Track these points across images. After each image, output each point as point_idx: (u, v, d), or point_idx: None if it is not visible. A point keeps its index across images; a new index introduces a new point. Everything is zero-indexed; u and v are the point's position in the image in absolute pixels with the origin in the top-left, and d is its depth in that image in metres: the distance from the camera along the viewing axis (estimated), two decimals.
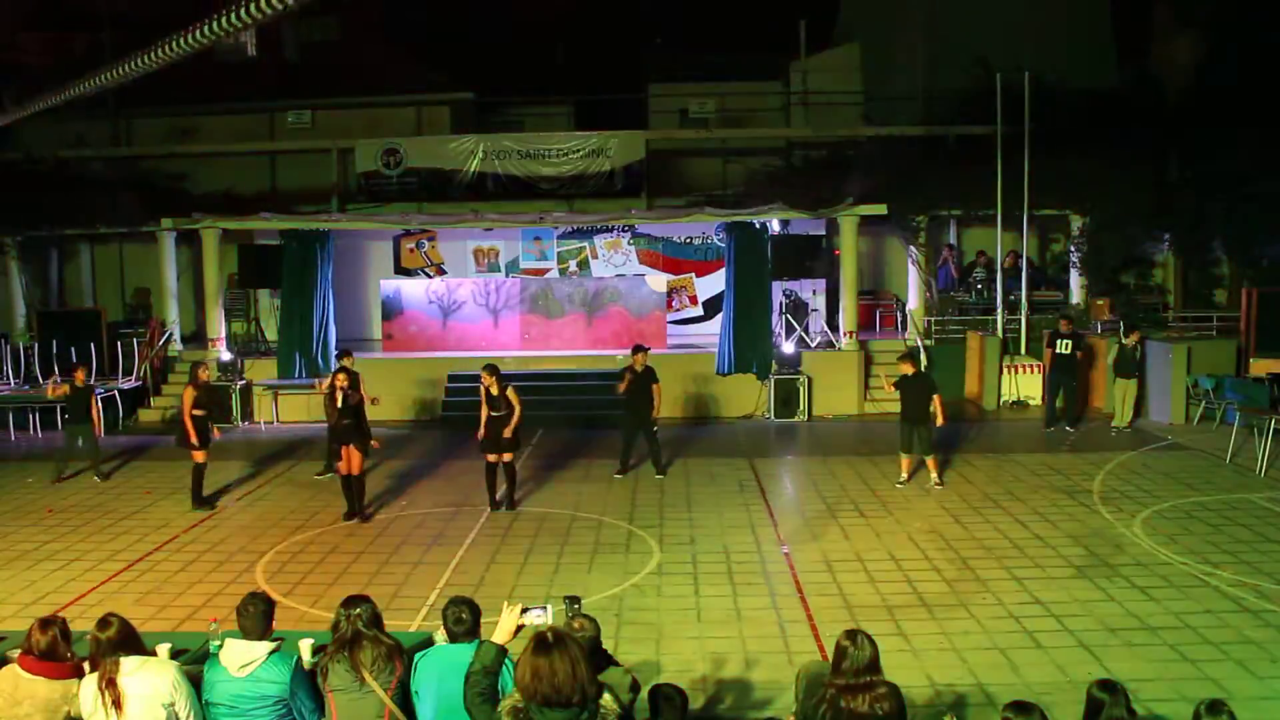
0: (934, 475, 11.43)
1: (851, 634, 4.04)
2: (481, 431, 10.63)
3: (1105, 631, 7.12)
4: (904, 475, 11.58)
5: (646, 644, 7.08)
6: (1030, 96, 16.35)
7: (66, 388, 12.56)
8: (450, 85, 21.47)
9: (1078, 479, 11.58)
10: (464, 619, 4.23)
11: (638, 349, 12.15)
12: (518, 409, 10.56)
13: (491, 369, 10.78)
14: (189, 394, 10.90)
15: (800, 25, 21.16)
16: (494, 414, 10.54)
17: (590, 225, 18.83)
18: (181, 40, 5.47)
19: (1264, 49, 16.80)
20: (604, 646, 4.65)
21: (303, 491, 11.69)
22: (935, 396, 11.32)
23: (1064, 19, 19.82)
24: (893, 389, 11.82)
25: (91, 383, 13.21)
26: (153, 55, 5.70)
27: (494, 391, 10.50)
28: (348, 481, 10.44)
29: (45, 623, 4.16)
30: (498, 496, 10.84)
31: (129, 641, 4.06)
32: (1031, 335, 16.67)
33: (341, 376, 10.51)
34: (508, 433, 10.56)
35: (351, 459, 10.32)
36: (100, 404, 13.39)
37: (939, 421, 11.37)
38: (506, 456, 10.75)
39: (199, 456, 11.00)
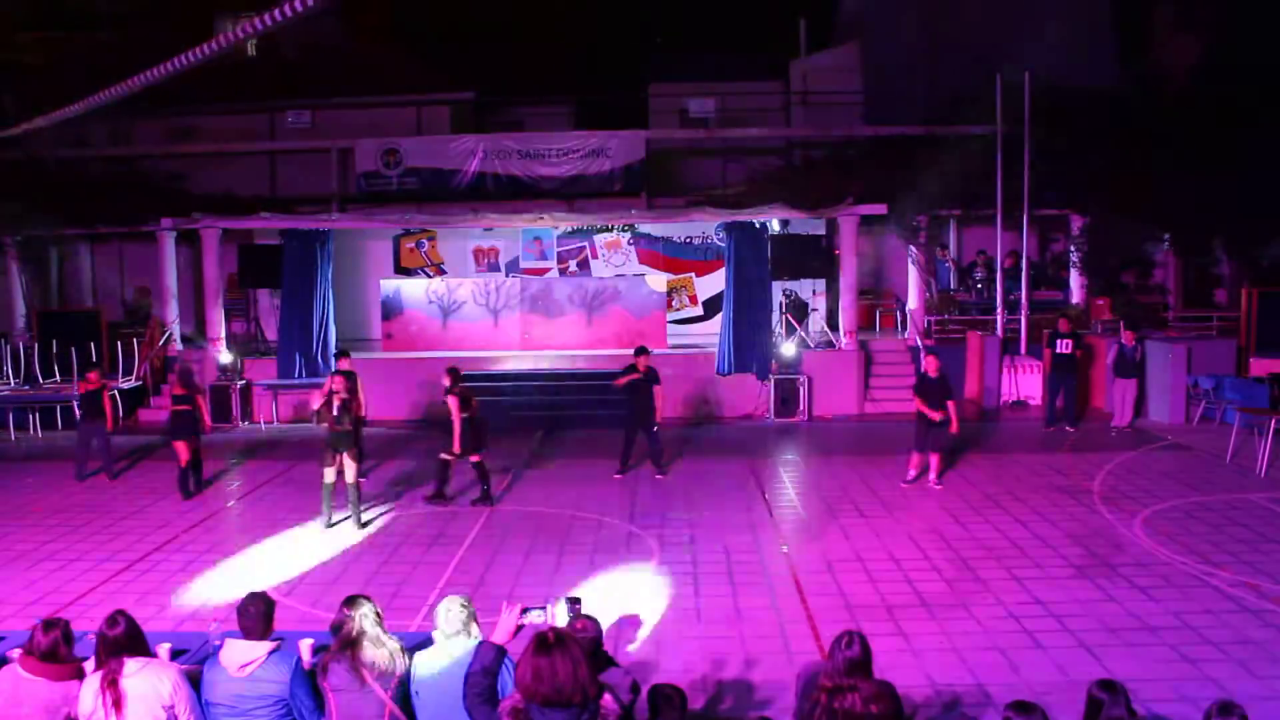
0: (933, 475, 11.45)
1: (844, 634, 4.06)
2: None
3: (1105, 631, 7.12)
4: (911, 473, 11.53)
5: (646, 644, 7.08)
6: (1030, 96, 16.36)
7: (82, 387, 12.71)
8: (450, 85, 21.47)
9: (1078, 479, 11.59)
10: (461, 619, 4.24)
11: (640, 351, 12.18)
12: (453, 418, 10.69)
13: (448, 371, 10.90)
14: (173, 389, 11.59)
15: (800, 25, 21.18)
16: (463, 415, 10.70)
17: (590, 225, 18.83)
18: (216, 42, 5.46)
19: (1264, 49, 16.81)
20: (604, 648, 4.65)
21: (303, 491, 11.68)
22: (950, 402, 11.22)
23: (1064, 19, 19.81)
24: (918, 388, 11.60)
25: (105, 383, 13.32)
26: (188, 58, 5.66)
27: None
28: (333, 490, 10.18)
29: (48, 624, 4.16)
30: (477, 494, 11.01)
31: (135, 641, 4.06)
32: (1031, 335, 16.67)
33: (340, 381, 10.27)
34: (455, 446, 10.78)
35: (344, 467, 10.12)
36: (118, 401, 13.45)
37: (953, 428, 11.22)
38: (473, 457, 10.89)
39: (181, 451, 11.37)
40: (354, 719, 4.11)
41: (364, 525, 10.18)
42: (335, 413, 10.07)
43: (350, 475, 10.15)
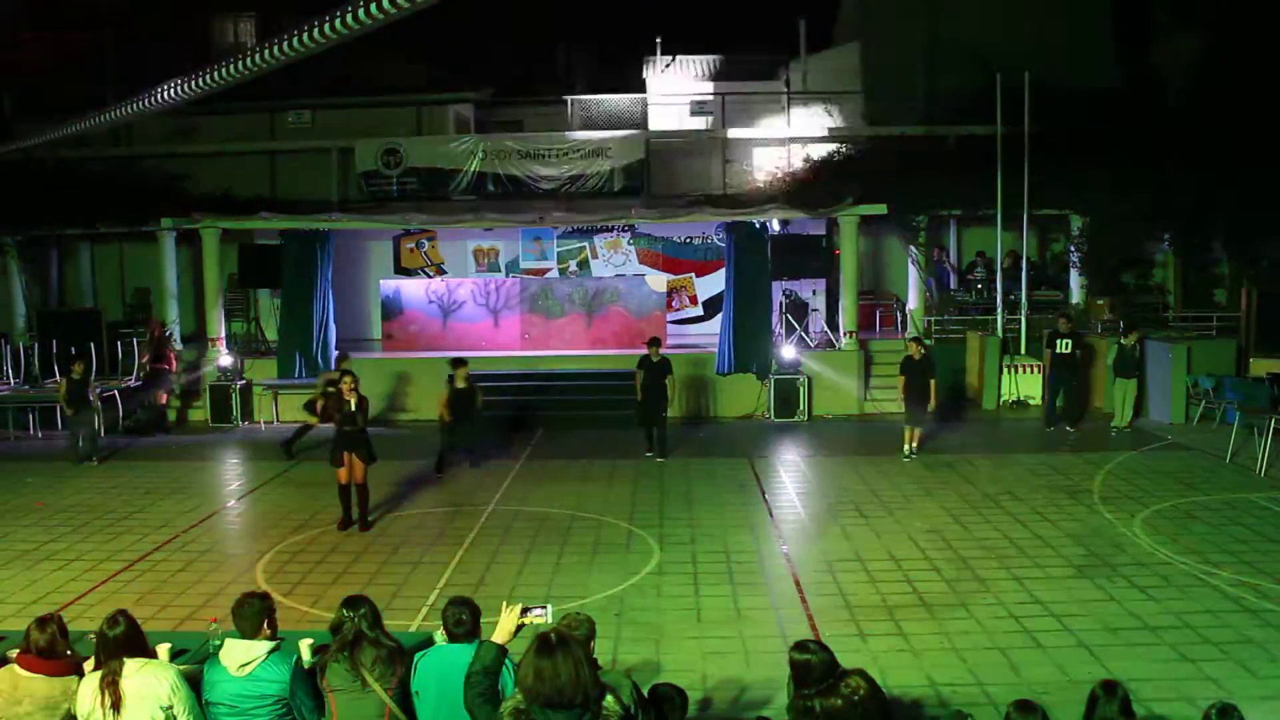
0: (914, 444, 12.83)
1: (801, 646, 3.97)
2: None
3: (1105, 631, 7.13)
4: (907, 448, 12.79)
5: (646, 644, 7.08)
6: (1030, 97, 16.36)
7: (65, 383, 13.05)
8: (450, 85, 21.44)
9: (1078, 479, 11.59)
10: (464, 620, 4.23)
11: (653, 342, 13.25)
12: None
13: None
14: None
15: (800, 25, 21.16)
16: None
17: (590, 225, 18.82)
18: (241, 63, 5.49)
19: (1264, 48, 16.81)
20: (597, 649, 4.61)
21: (303, 491, 11.69)
22: (931, 381, 12.63)
23: (1064, 19, 19.81)
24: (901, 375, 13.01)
25: (91, 378, 13.56)
26: (212, 77, 5.70)
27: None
28: (346, 490, 10.09)
29: (43, 621, 4.17)
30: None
31: (134, 642, 4.06)
32: (1031, 335, 16.67)
33: (348, 381, 10.12)
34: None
35: (354, 467, 10.02)
36: (100, 399, 13.70)
37: (931, 405, 12.73)
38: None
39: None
40: (354, 719, 4.11)
41: (369, 526, 10.15)
42: (351, 411, 9.97)
43: (359, 475, 10.07)
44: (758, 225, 16.44)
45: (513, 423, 15.11)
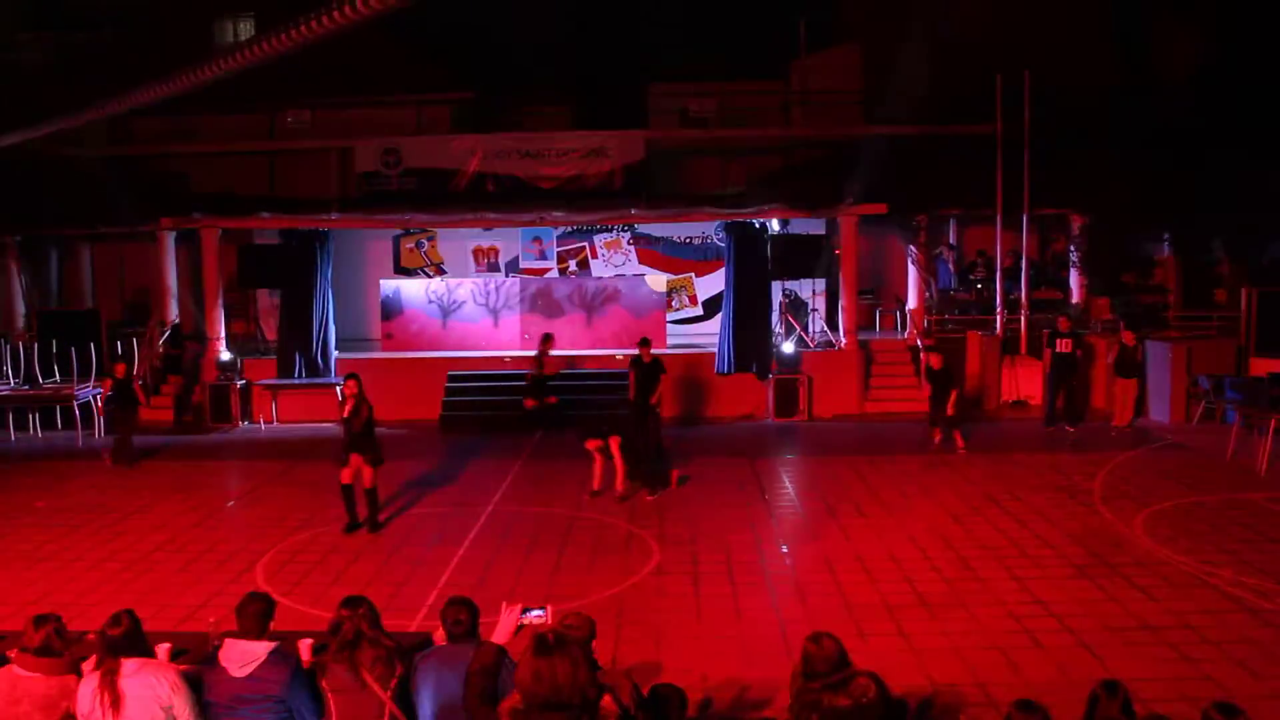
0: (958, 441, 13.29)
1: (814, 637, 4.01)
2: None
3: (1105, 631, 7.12)
4: (935, 442, 13.46)
5: (646, 644, 7.08)
6: (1030, 96, 16.35)
7: (110, 381, 13.40)
8: (450, 85, 21.42)
9: (1078, 479, 11.58)
10: (463, 620, 4.24)
11: (644, 343, 13.17)
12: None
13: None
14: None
15: (800, 25, 21.13)
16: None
17: (590, 225, 18.82)
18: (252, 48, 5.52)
19: (1264, 48, 16.81)
20: (596, 650, 4.61)
21: (303, 491, 11.69)
22: (953, 391, 13.24)
23: (1064, 18, 19.79)
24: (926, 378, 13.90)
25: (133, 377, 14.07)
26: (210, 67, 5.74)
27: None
28: (350, 491, 10.01)
29: (40, 620, 4.16)
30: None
31: (134, 642, 4.06)
32: (1031, 335, 16.67)
33: (351, 384, 10.06)
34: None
35: (362, 470, 9.96)
36: (142, 393, 14.17)
37: (949, 410, 13.27)
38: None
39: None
40: (353, 719, 4.11)
41: (377, 528, 10.06)
42: (345, 414, 9.97)
43: (367, 479, 9.99)
44: (758, 225, 16.44)
45: (512, 422, 15.11)
